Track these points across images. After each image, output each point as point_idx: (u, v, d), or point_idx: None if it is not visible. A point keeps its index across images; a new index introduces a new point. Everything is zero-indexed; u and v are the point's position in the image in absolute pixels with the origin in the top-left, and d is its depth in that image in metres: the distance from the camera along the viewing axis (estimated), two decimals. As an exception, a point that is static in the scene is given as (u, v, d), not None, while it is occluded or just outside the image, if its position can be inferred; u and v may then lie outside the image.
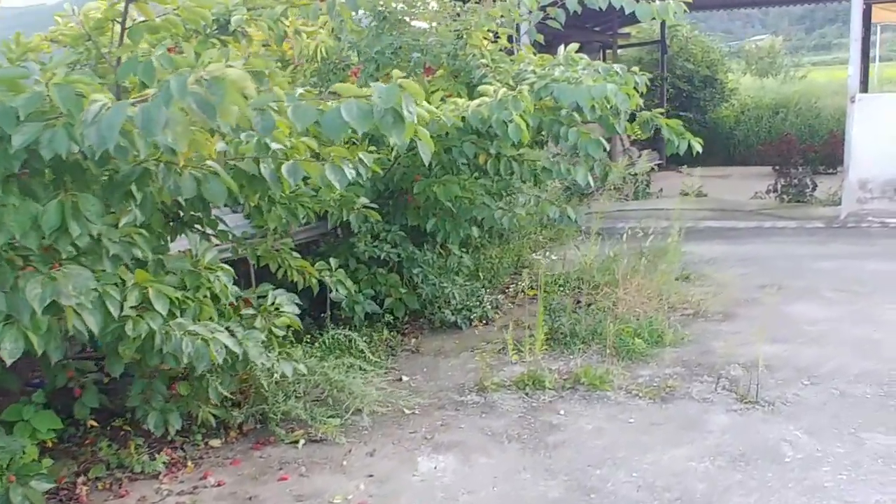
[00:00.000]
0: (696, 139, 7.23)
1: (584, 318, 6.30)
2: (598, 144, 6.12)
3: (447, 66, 6.74)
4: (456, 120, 5.49)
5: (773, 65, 26.93)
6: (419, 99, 3.27)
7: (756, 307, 6.88)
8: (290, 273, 5.22)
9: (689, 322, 6.57)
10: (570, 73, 6.19)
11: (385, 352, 6.16)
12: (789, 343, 5.92)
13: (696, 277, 7.89)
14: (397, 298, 6.53)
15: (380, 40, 6.52)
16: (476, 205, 6.40)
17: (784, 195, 12.72)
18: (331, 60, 6.73)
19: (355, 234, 6.29)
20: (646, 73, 18.60)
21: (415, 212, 6.55)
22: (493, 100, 5.50)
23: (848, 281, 7.56)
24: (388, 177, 6.45)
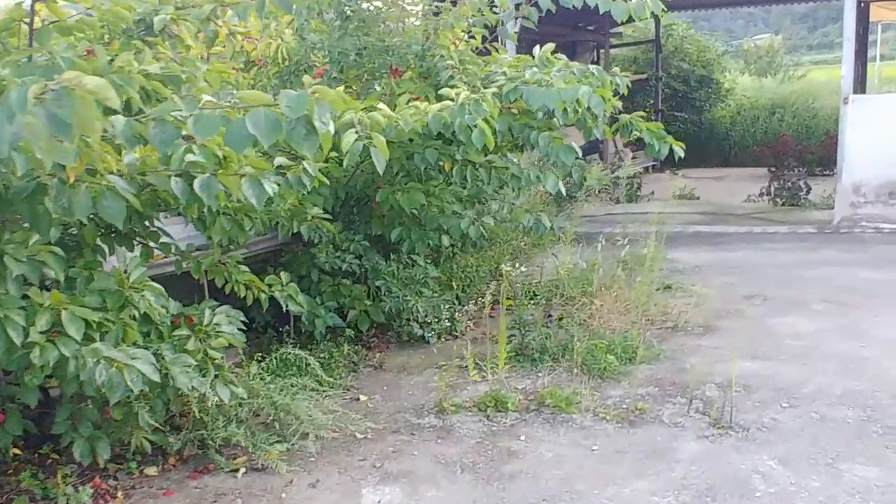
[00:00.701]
0: (678, 143, 6.96)
1: (555, 333, 5.99)
2: (570, 150, 5.81)
3: (415, 68, 6.44)
4: (415, 125, 5.20)
5: (771, 64, 26.57)
6: (337, 107, 2.95)
7: (739, 320, 6.57)
8: (238, 288, 4.92)
9: (667, 336, 6.25)
10: (542, 76, 5.88)
11: (346, 368, 5.86)
12: (771, 360, 5.61)
13: (678, 287, 7.57)
14: (362, 311, 6.23)
15: (343, 41, 6.20)
16: (443, 213, 6.10)
17: (777, 198, 12.39)
18: (293, 62, 6.43)
19: (315, 244, 5.99)
20: (640, 72, 18.27)
21: (379, 220, 6.25)
22: (455, 104, 5.20)
23: (838, 291, 7.24)
24: (351, 183, 6.14)
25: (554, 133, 5.92)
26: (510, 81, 5.87)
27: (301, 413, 4.57)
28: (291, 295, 5.00)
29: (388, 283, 6.05)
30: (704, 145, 18.80)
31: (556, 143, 5.88)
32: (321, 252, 5.99)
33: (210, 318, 4.37)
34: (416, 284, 6.16)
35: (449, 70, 6.02)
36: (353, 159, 4.82)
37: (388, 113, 5.14)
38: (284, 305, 5.00)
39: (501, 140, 6.00)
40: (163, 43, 3.94)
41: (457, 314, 6.62)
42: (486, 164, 5.90)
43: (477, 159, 5.85)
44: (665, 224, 11.06)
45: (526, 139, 5.94)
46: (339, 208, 6.43)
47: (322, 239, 6.00)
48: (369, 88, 6.41)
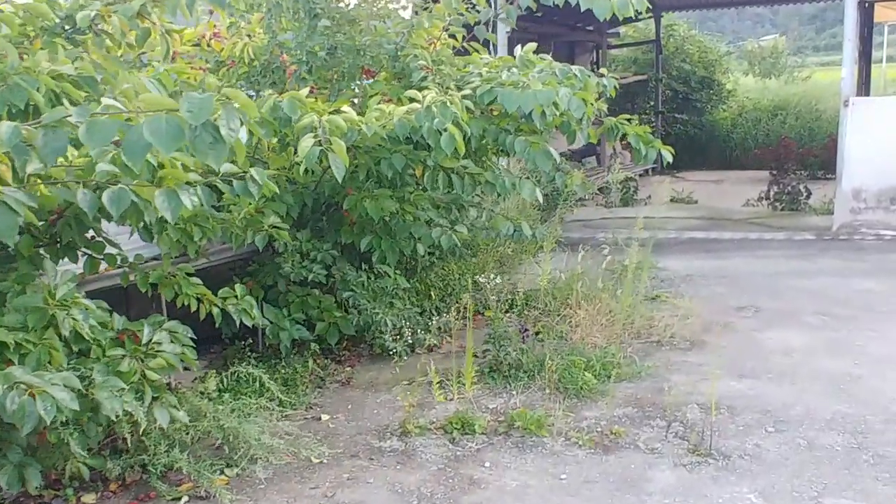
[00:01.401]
0: (667, 148, 6.65)
1: (531, 348, 5.69)
2: (548, 156, 5.52)
3: (389, 69, 6.15)
4: (380, 129, 4.91)
5: (775, 65, 26.22)
6: (252, 112, 2.65)
7: (728, 334, 6.25)
8: (189, 301, 4.64)
9: (651, 351, 5.95)
10: (519, 77, 5.59)
11: (312, 384, 5.57)
12: (758, 378, 5.30)
13: (667, 297, 7.25)
14: (331, 323, 5.93)
15: (312, 40, 5.91)
16: (416, 221, 5.80)
17: (777, 203, 12.07)
18: (260, 62, 6.13)
19: (280, 253, 5.71)
20: (640, 73, 17.89)
21: (349, 228, 5.96)
22: (422, 107, 4.91)
23: (832, 302, 6.92)
24: (319, 189, 5.85)
25: (532, 137, 5.62)
26: (485, 83, 5.59)
27: (250, 437, 4.27)
28: (246, 309, 4.70)
29: (356, 294, 5.75)
30: (705, 148, 18.49)
31: (533, 147, 5.59)
32: (286, 262, 5.69)
33: (150, 335, 4.07)
34: (386, 296, 5.86)
35: (422, 71, 5.73)
36: (310, 165, 4.53)
37: (350, 116, 4.86)
38: (238, 320, 4.71)
39: (477, 145, 5.70)
40: (91, 42, 3.64)
41: (433, 326, 6.32)
42: (459, 169, 5.60)
43: (450, 165, 5.55)
44: (659, 229, 10.77)
45: (502, 144, 5.65)
46: (309, 214, 6.15)
47: (287, 248, 5.73)
48: (340, 90, 6.12)
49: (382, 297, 5.86)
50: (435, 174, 5.51)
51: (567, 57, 17.74)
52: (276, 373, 5.46)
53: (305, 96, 6.05)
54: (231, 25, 6.24)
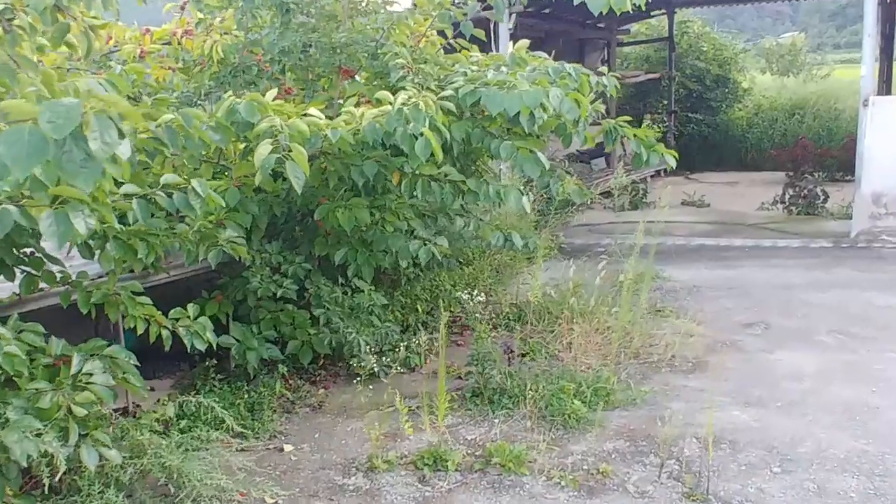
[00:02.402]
0: (670, 152, 6.22)
1: (518, 370, 5.25)
2: (536, 162, 5.07)
3: (368, 68, 5.72)
4: (346, 135, 4.48)
5: (794, 63, 25.55)
6: (135, 121, 2.23)
7: (734, 354, 5.78)
8: (136, 323, 4.23)
9: (649, 373, 5.49)
10: (507, 76, 5.14)
11: (282, 408, 5.16)
12: (764, 407, 4.83)
13: (671, 312, 6.78)
14: (304, 342, 5.51)
15: (285, 38, 5.48)
16: (396, 232, 5.38)
17: (792, 207, 11.54)
18: (230, 62, 5.72)
19: (248, 267, 5.30)
20: (652, 71, 17.30)
21: (324, 240, 5.53)
22: (392, 109, 4.48)
23: (849, 319, 6.42)
24: (290, 198, 5.43)
25: (520, 142, 5.17)
26: (469, 83, 5.14)
27: (193, 476, 3.85)
28: (198, 332, 4.28)
29: (328, 312, 5.32)
30: (720, 148, 17.92)
31: (522, 153, 5.14)
32: (254, 276, 5.28)
33: (80, 365, 3.66)
34: (362, 313, 5.43)
35: (401, 70, 5.29)
36: (265, 175, 4.11)
37: (314, 121, 4.44)
38: (189, 344, 4.28)
39: (460, 150, 5.27)
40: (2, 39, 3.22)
41: (416, 343, 5.89)
42: (440, 177, 5.15)
43: (429, 172, 5.10)
44: (667, 235, 10.28)
45: (487, 148, 5.21)
46: (281, 224, 5.73)
47: (255, 261, 5.31)
48: (316, 91, 5.69)
49: (358, 315, 5.43)
50: (413, 182, 5.07)
51: (577, 54, 17.24)
52: (239, 398, 5.05)
53: (277, 98, 5.69)
54: (200, 22, 5.83)
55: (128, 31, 6.26)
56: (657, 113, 18.80)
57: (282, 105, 4.78)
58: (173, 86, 5.93)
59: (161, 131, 3.87)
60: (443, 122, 4.84)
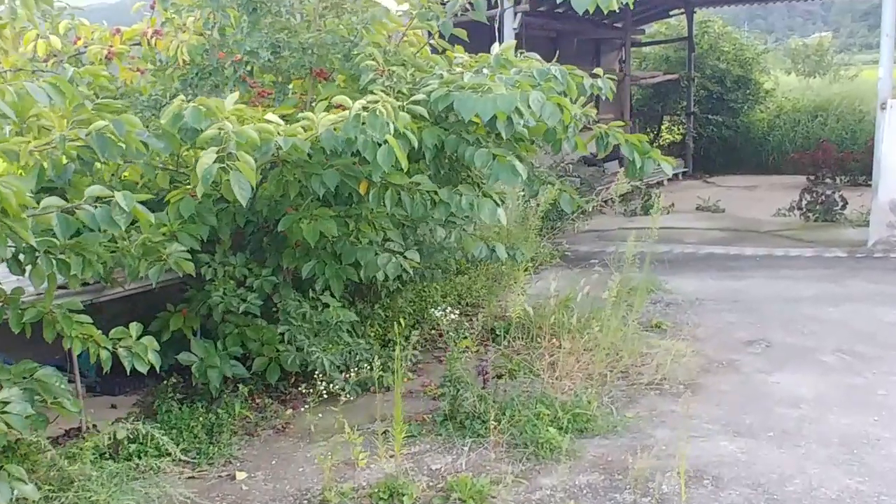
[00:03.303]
0: (668, 159, 5.89)
1: (494, 392, 4.92)
2: (514, 171, 4.73)
3: (342, 70, 5.43)
4: (300, 143, 4.19)
5: (820, 63, 24.95)
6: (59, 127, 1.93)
7: (730, 375, 5.41)
8: (73, 343, 3.97)
9: (637, 396, 5.14)
10: (484, 79, 4.82)
11: (243, 430, 4.89)
12: (755, 438, 4.46)
13: (669, 327, 6.43)
14: (272, 358, 5.23)
15: (252, 38, 5.21)
16: (363, 244, 5.08)
17: (809, 213, 11.09)
18: (196, 63, 5.45)
19: (210, 280, 5.03)
20: (670, 72, 16.82)
21: (291, 252, 5.24)
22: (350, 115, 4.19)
23: (857, 337, 6.02)
24: (256, 208, 5.15)
25: (496, 149, 4.85)
26: (444, 86, 4.83)
27: (121, 513, 3.58)
28: (139, 353, 4.00)
29: (293, 329, 5.03)
30: (740, 151, 17.47)
31: (500, 161, 4.81)
32: (217, 290, 5.01)
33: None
34: (330, 330, 5.14)
35: (371, 72, 4.99)
36: (206, 186, 3.82)
37: (265, 127, 4.14)
38: (129, 366, 4.01)
39: (432, 157, 4.95)
40: None
41: (393, 360, 5.58)
42: (411, 186, 4.84)
43: (399, 181, 4.79)
44: (677, 242, 9.90)
45: (461, 156, 4.89)
46: (249, 235, 5.46)
47: (217, 274, 5.05)
48: (285, 94, 5.41)
49: (326, 332, 5.13)
50: (381, 192, 4.76)
51: (592, 55, 16.87)
52: (197, 419, 4.78)
53: (251, 101, 5.45)
54: (167, 22, 5.57)
55: (97, 31, 6.03)
56: (676, 114, 18.37)
57: (242, 110, 4.51)
58: (140, 88, 5.68)
59: (92, 139, 3.62)
60: (413, 128, 4.55)
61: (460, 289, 7.50)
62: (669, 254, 9.29)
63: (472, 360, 5.85)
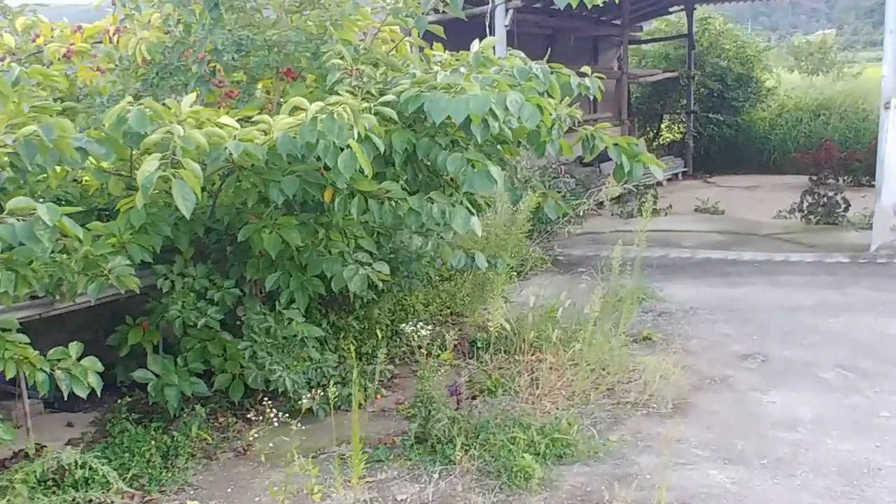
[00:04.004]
0: (658, 162, 5.60)
1: (470, 413, 4.62)
2: (488, 176, 4.42)
3: (312, 69, 5.12)
4: (252, 148, 3.88)
5: (823, 61, 24.53)
6: None
7: (723, 393, 5.10)
8: (6, 365, 3.67)
9: (622, 416, 4.82)
10: (456, 79, 4.51)
11: (203, 453, 4.58)
12: (747, 465, 4.14)
13: (660, 339, 6.11)
14: (235, 375, 4.93)
15: (214, 35, 4.90)
16: (329, 255, 4.77)
17: (811, 216, 10.73)
18: (157, 62, 5.14)
19: (166, 292, 4.73)
20: (670, 70, 16.44)
21: (256, 262, 4.94)
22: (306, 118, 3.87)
23: (859, 350, 5.70)
24: (216, 217, 4.85)
25: (471, 153, 4.53)
26: (416, 86, 4.52)
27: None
28: (77, 375, 3.70)
29: (254, 345, 4.72)
30: (741, 150, 17.11)
31: (477, 166, 4.49)
32: (174, 302, 4.70)
33: None
34: (295, 346, 4.83)
35: (338, 72, 4.67)
36: (146, 195, 3.52)
37: (216, 132, 3.84)
38: (66, 390, 3.70)
39: (403, 161, 4.63)
40: None
41: (368, 375, 5.29)
42: (380, 193, 4.53)
43: (367, 188, 4.48)
44: (674, 246, 9.57)
45: (433, 161, 4.58)
46: (213, 244, 5.15)
47: (175, 286, 4.74)
48: (251, 94, 5.10)
49: (291, 347, 4.83)
50: (348, 199, 4.45)
51: (590, 53, 16.53)
52: (150, 442, 4.47)
53: (219, 102, 5.14)
54: (126, 18, 5.27)
55: (58, 28, 5.73)
56: (676, 113, 18.03)
57: (198, 112, 4.20)
58: (101, 89, 5.37)
59: (19, 145, 3.31)
60: (380, 132, 4.24)
61: (444, 296, 7.19)
62: (665, 258, 8.97)
63: (449, 374, 5.55)
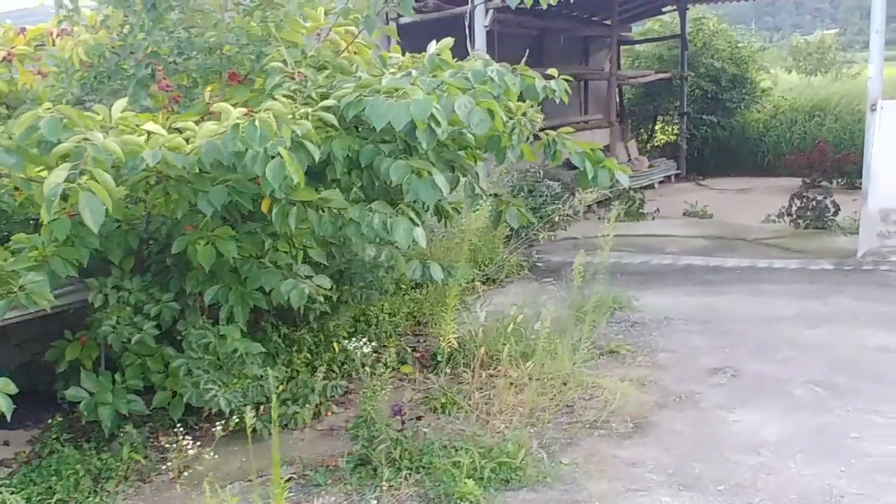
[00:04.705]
0: (624, 168, 5.38)
1: (415, 434, 4.39)
2: (433, 186, 4.19)
3: (255, 71, 4.90)
4: (171, 156, 3.66)
5: (822, 61, 24.27)
6: None
7: (686, 412, 4.86)
8: None
9: (578, 437, 4.58)
10: (401, 82, 4.28)
11: (137, 475, 4.37)
12: (703, 492, 3.90)
13: (629, 351, 5.87)
14: (175, 392, 4.71)
15: (153, 36, 4.68)
16: (271, 267, 4.55)
17: (800, 220, 10.46)
18: (97, 66, 4.92)
19: (98, 307, 4.51)
20: (663, 71, 16.19)
21: (195, 275, 4.71)
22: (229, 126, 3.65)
23: (834, 365, 5.45)
24: (151, 227, 4.63)
25: (416, 161, 4.31)
26: (359, 89, 4.29)
27: None
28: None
29: (189, 362, 4.50)
30: (735, 152, 16.85)
31: (423, 174, 4.27)
32: (108, 318, 4.48)
33: None
34: (234, 363, 4.60)
35: (279, 75, 4.45)
36: (49, 208, 3.30)
37: (132, 140, 3.62)
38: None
39: (344, 169, 4.41)
40: None
41: (320, 391, 5.07)
42: (320, 203, 4.30)
43: (307, 197, 4.25)
44: (656, 252, 9.32)
45: (376, 169, 4.35)
46: (154, 255, 4.93)
47: (108, 300, 4.53)
48: (192, 99, 4.88)
49: (231, 364, 4.60)
50: (285, 210, 4.22)
51: (581, 53, 16.28)
52: (82, 465, 4.26)
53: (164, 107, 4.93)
54: (64, 20, 5.06)
55: (1, 30, 5.53)
56: (669, 115, 17.78)
57: (126, 118, 3.99)
58: (40, 93, 5.17)
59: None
60: (316, 139, 4.02)
61: (412, 305, 6.97)
62: (645, 265, 8.73)
63: (405, 390, 5.35)
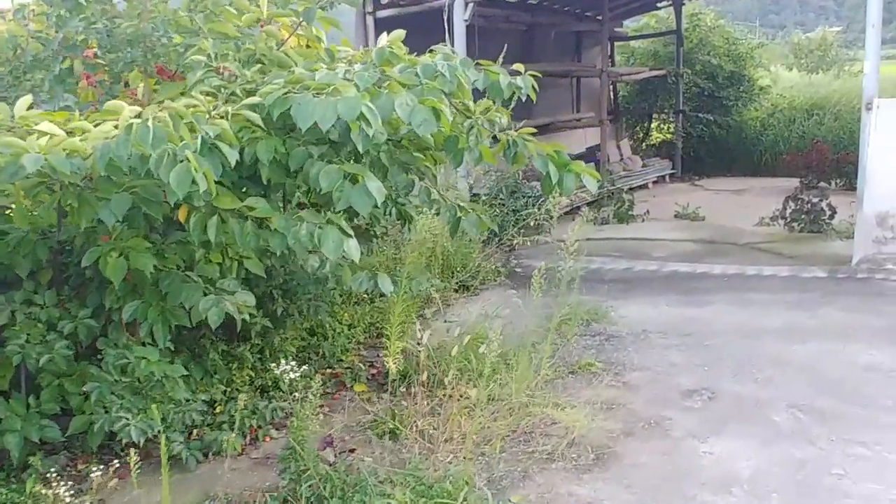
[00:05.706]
0: (591, 172, 4.97)
1: (349, 468, 3.97)
2: (366, 193, 3.77)
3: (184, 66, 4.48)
4: (55, 160, 3.24)
5: (824, 59, 23.79)
6: None
7: (655, 441, 4.42)
8: None
9: (534, 470, 4.15)
10: (334, 79, 3.86)
11: (46, 510, 3.95)
12: (664, 539, 3.49)
13: (600, 369, 5.44)
14: (94, 417, 4.30)
15: (69, 26, 4.27)
16: (189, 283, 4.13)
17: (794, 223, 10.01)
18: (12, 59, 4.51)
19: (2, 325, 4.10)
20: (658, 68, 15.73)
21: (114, 289, 4.29)
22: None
23: (819, 386, 5.02)
24: (64, 236, 4.21)
25: (350, 166, 3.88)
26: (289, 85, 3.87)
27: None
28: None
29: (102, 387, 4.08)
30: (732, 151, 16.41)
31: (358, 180, 3.84)
32: (16, 336, 4.07)
33: None
34: (153, 387, 4.18)
35: (201, 69, 4.03)
36: None
37: (14, 142, 3.20)
38: None
39: (271, 175, 3.98)
40: None
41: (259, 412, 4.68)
42: (244, 211, 3.88)
43: (229, 205, 3.83)
44: (642, 257, 8.89)
45: (306, 174, 3.93)
46: (73, 268, 4.51)
47: (17, 317, 4.11)
48: (114, 95, 4.47)
49: (148, 388, 4.18)
50: (204, 219, 3.80)
51: (572, 49, 15.84)
52: None
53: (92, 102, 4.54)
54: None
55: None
56: (664, 112, 17.34)
57: (27, 117, 3.59)
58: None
59: None
60: (234, 141, 3.61)
61: (375, 315, 6.55)
62: (628, 272, 8.31)
63: (355, 412, 4.94)
